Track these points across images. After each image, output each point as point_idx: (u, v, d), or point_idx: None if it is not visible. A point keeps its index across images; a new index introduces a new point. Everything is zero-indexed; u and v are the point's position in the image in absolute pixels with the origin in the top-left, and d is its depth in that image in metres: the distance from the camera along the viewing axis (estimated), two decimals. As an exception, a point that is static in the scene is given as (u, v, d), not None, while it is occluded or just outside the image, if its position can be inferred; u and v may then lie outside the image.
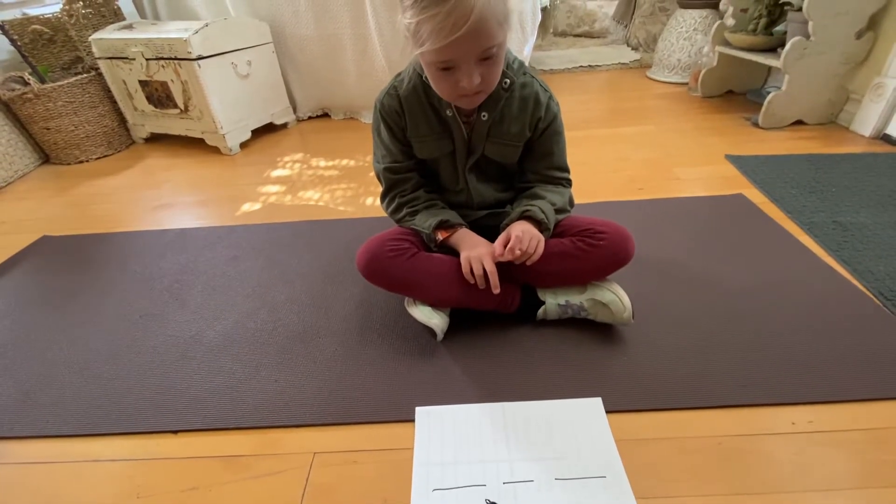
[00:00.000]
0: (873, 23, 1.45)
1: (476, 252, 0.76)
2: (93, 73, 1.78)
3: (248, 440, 0.69)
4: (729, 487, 0.58)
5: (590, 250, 0.77)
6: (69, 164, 1.79)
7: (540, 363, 0.76)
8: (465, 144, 0.79)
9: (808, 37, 1.45)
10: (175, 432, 0.70)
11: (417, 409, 0.70)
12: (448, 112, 0.76)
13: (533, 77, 0.77)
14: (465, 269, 0.76)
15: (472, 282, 0.76)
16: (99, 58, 1.75)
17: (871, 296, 0.85)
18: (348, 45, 1.82)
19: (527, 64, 1.07)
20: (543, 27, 2.41)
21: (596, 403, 0.69)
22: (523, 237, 0.71)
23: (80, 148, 1.77)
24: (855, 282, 0.89)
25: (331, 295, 0.96)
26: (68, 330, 0.93)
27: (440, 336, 0.80)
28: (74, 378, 0.81)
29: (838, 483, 0.58)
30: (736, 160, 1.39)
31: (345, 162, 1.62)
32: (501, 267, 0.75)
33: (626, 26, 2.79)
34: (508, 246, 0.71)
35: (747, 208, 1.15)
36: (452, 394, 0.72)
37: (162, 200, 1.46)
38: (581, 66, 2.59)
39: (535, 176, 0.83)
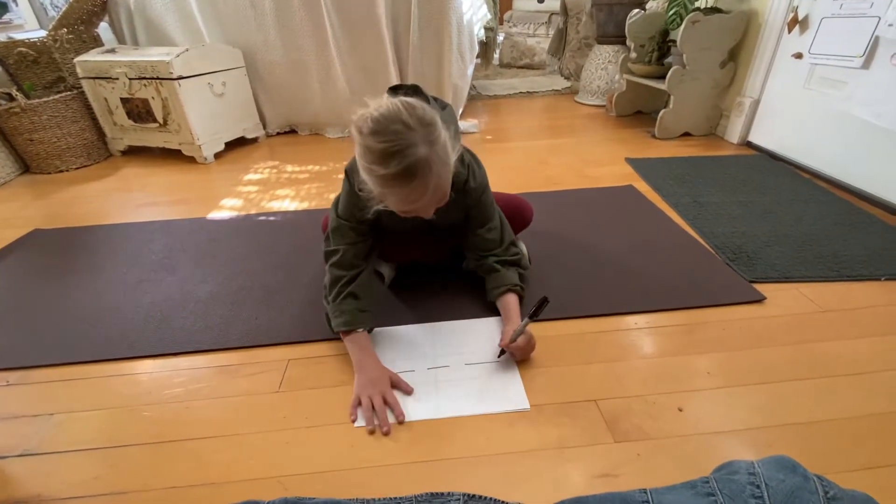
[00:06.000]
0: (733, 55, 1.86)
1: (371, 385, 0.76)
2: (75, 91, 1.96)
3: (235, 356, 0.89)
4: (582, 359, 0.84)
5: None
6: (49, 173, 1.93)
7: (462, 297, 1.01)
8: (426, 225, 0.85)
9: (684, 66, 1.84)
10: (176, 354, 0.90)
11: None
12: None
13: (461, 164, 0.83)
14: (354, 401, 0.75)
15: (354, 418, 0.74)
16: (83, 77, 1.93)
17: (708, 247, 1.16)
18: (313, 69, 2.09)
19: (467, 88, 1.27)
20: (487, 59, 2.76)
21: (497, 321, 0.94)
22: (527, 346, 0.81)
23: (60, 158, 1.92)
24: (699, 239, 1.19)
25: (299, 262, 1.18)
26: (71, 293, 1.10)
27: (388, 281, 1.04)
28: (82, 324, 0.98)
29: (657, 353, 0.84)
30: (632, 161, 1.72)
31: (311, 167, 1.85)
32: (436, 233, 0.93)
33: (559, 59, 3.20)
34: (519, 345, 0.80)
35: (633, 194, 1.46)
36: (396, 320, 0.95)
37: (144, 200, 1.63)
38: (521, 93, 2.96)
39: (473, 232, 0.91)
